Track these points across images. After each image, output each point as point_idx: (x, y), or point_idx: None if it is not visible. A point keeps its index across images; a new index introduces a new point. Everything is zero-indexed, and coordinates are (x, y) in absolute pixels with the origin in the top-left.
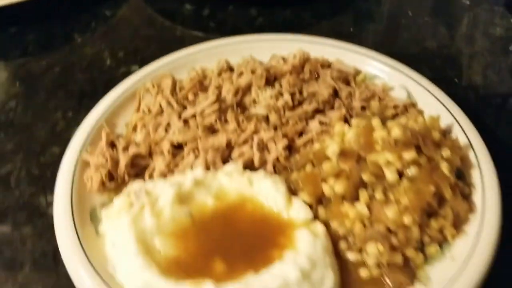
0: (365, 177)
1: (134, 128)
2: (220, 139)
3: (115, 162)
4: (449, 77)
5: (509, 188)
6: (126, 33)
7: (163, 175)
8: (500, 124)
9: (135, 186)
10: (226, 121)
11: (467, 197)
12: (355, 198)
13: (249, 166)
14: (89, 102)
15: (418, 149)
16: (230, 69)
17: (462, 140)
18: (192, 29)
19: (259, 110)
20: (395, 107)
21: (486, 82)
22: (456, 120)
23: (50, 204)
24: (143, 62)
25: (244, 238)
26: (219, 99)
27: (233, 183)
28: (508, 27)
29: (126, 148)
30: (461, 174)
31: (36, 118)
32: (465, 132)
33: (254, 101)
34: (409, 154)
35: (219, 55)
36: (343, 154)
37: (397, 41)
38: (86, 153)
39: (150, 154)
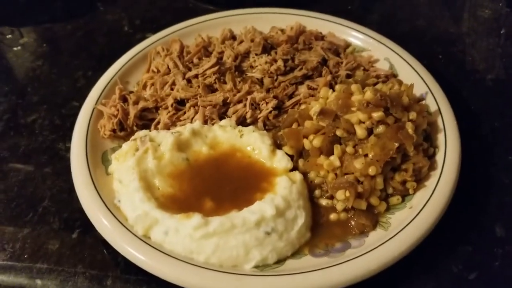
0: (339, 132)
1: (144, 86)
2: (218, 97)
3: (126, 113)
4: (434, 53)
5: (469, 151)
6: (143, 4)
7: (167, 127)
8: (475, 97)
9: (141, 133)
10: (224, 82)
11: (430, 156)
12: (330, 151)
13: (242, 122)
14: (107, 63)
15: (387, 110)
16: (233, 37)
17: (433, 107)
18: (203, 2)
19: (254, 74)
20: (377, 76)
21: (468, 60)
22: (430, 89)
23: (68, 149)
24: (157, 30)
25: (232, 182)
26: (219, 62)
27: (226, 135)
28: (496, 9)
29: (136, 102)
30: (428, 136)
31: (60, 75)
32: (436, 100)
33: (251, 66)
34: (378, 114)
35: (224, 25)
36: (322, 113)
37: (390, 18)
38: (101, 104)
39: (157, 109)
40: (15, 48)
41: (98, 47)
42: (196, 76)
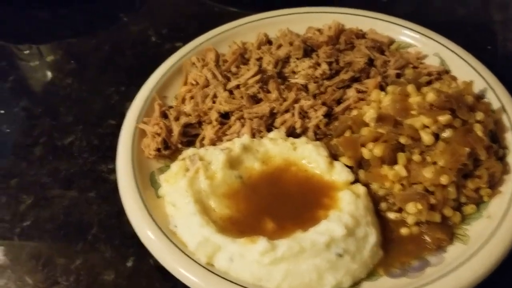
0: (402, 140)
1: (183, 100)
2: (264, 108)
3: (169, 131)
4: (481, 44)
5: None
6: (167, 11)
7: (213, 143)
8: None
9: (189, 151)
10: (268, 90)
11: (501, 158)
12: (393, 160)
13: (291, 133)
14: (138, 76)
15: (453, 113)
16: (269, 42)
17: (495, 105)
18: (228, 5)
19: (298, 79)
20: (429, 74)
21: None
22: (489, 85)
23: (111, 171)
24: (186, 38)
25: (291, 199)
26: (260, 70)
27: (277, 148)
28: None
29: (177, 118)
30: (495, 137)
31: (91, 92)
32: (498, 96)
33: (293, 71)
34: (444, 117)
35: (257, 29)
36: (380, 119)
37: (429, 10)
38: (142, 123)
39: (200, 124)
40: (42, 68)
41: (126, 60)
42: (237, 86)
